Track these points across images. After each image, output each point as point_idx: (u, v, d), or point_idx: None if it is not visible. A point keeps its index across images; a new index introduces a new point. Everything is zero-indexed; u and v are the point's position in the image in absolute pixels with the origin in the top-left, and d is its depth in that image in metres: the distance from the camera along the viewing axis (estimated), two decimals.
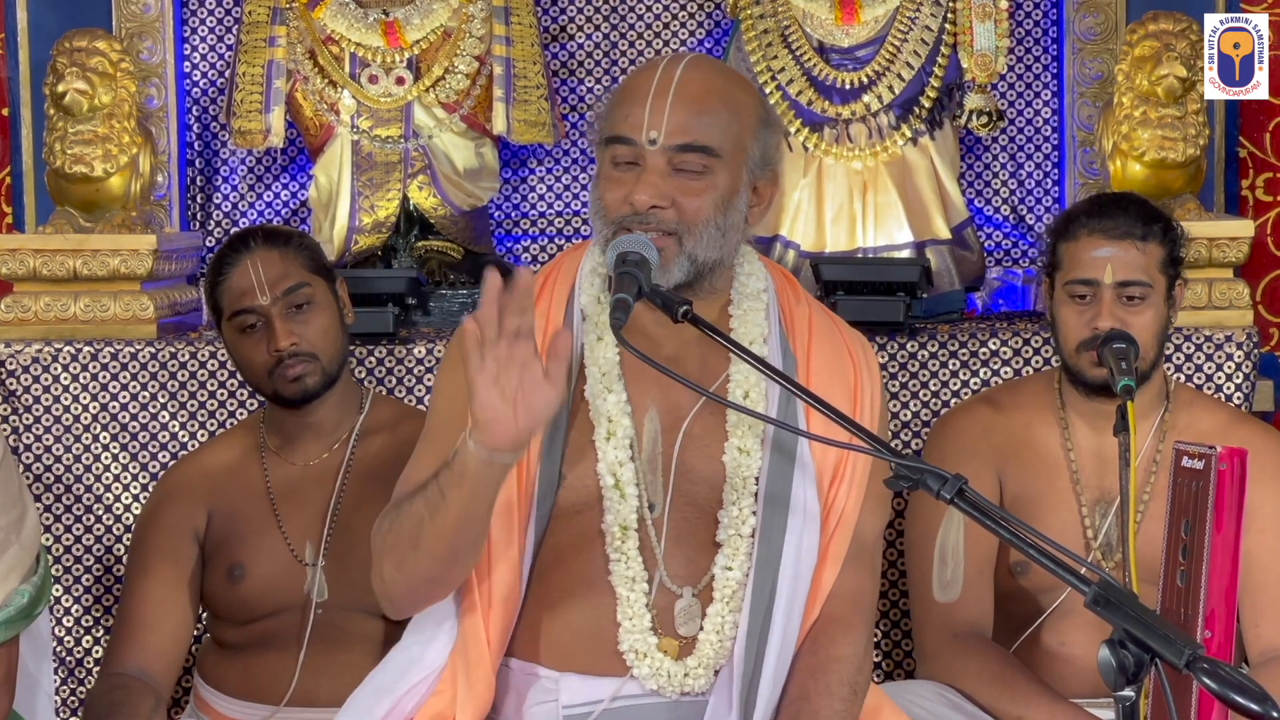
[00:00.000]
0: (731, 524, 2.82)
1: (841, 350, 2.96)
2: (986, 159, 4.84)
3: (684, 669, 2.79)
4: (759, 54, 4.45)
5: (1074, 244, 3.50)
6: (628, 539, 2.81)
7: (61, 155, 4.35)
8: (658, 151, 2.77)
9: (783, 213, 4.44)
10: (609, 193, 2.81)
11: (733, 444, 2.85)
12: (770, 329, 2.92)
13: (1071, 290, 3.48)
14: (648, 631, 2.80)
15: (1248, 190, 4.84)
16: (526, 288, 2.55)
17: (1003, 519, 2.44)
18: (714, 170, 2.79)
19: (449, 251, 4.61)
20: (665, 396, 2.87)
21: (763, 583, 2.81)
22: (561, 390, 2.60)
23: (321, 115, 4.54)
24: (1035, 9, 4.82)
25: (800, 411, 2.87)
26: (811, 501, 2.84)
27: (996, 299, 4.69)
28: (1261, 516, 3.45)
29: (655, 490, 2.85)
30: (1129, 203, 3.57)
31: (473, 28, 4.52)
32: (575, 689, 2.81)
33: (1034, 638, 3.53)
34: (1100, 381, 3.44)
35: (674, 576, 2.83)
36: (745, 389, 2.86)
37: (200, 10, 4.83)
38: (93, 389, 4.20)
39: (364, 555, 3.52)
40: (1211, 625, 2.96)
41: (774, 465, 2.84)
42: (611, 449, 2.82)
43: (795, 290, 3.01)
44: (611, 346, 2.86)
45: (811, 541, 2.83)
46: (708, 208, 2.79)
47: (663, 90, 2.78)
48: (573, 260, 2.96)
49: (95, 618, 4.19)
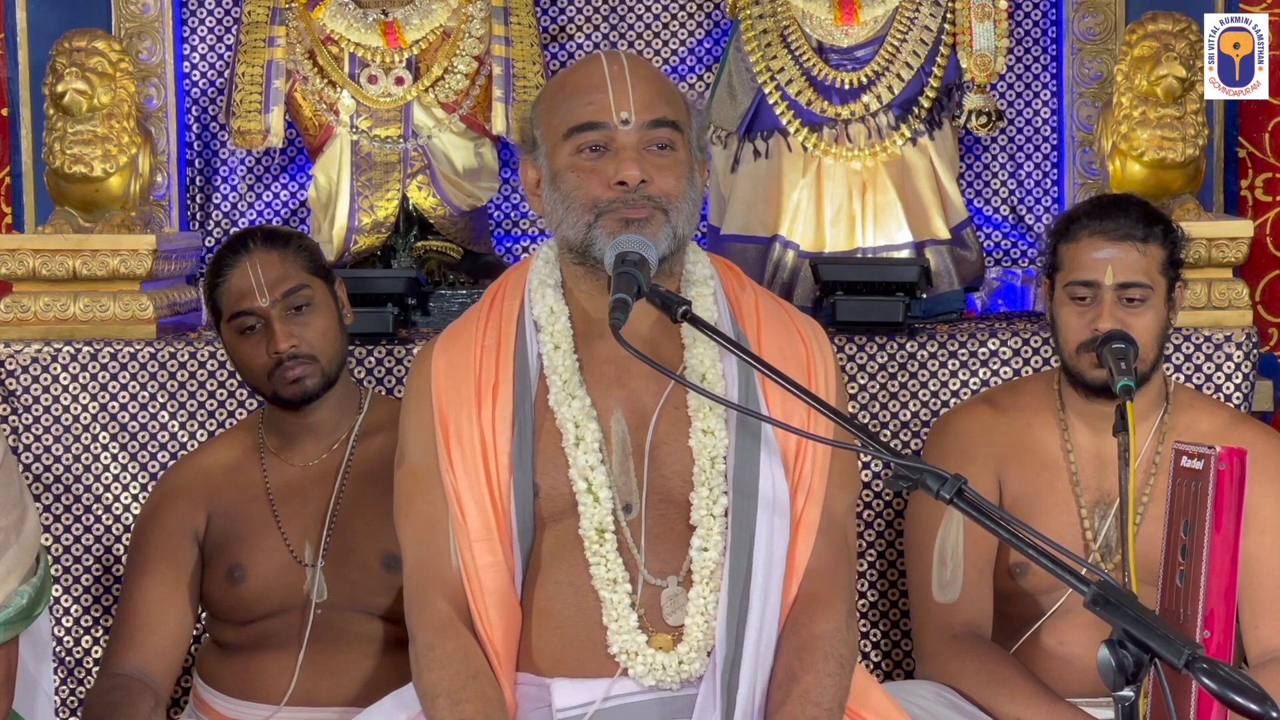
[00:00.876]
0: (703, 505, 2.85)
1: (792, 333, 2.99)
2: (986, 159, 4.84)
3: (677, 658, 2.81)
4: (758, 54, 4.45)
5: (1075, 245, 3.49)
6: (605, 542, 2.83)
7: (61, 155, 4.35)
8: (631, 130, 2.82)
9: (782, 213, 4.44)
10: (585, 182, 2.84)
11: (697, 427, 2.88)
12: (721, 314, 2.96)
13: (1072, 291, 3.48)
14: (635, 630, 2.82)
15: (1247, 190, 4.84)
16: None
17: (1002, 519, 2.44)
18: (678, 146, 2.87)
19: (448, 251, 4.61)
20: (629, 397, 2.91)
21: (738, 562, 2.83)
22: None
23: (321, 115, 4.54)
24: (1034, 9, 4.82)
25: (760, 395, 2.90)
26: (780, 479, 2.87)
27: (996, 299, 4.69)
28: (1261, 518, 3.45)
29: (630, 490, 2.88)
30: (1130, 204, 3.56)
31: (472, 28, 4.52)
32: (567, 691, 2.82)
33: (1033, 638, 3.53)
34: (1100, 383, 3.44)
35: (655, 572, 2.85)
36: (701, 372, 2.90)
37: (199, 10, 4.83)
38: (92, 389, 4.20)
39: (362, 556, 3.55)
40: (1211, 625, 2.96)
41: (740, 446, 2.87)
42: (582, 454, 2.85)
43: (740, 278, 3.05)
44: (570, 354, 2.90)
45: (783, 519, 2.86)
46: (681, 181, 2.86)
47: (619, 75, 2.84)
48: (518, 276, 3.01)
49: (95, 618, 4.19)
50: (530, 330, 2.93)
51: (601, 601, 2.83)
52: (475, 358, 2.91)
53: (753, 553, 2.84)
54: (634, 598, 2.83)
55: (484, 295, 3.03)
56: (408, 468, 2.98)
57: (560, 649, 2.86)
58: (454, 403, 2.90)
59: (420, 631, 2.88)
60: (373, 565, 3.55)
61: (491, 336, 2.93)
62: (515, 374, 2.90)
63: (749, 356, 2.76)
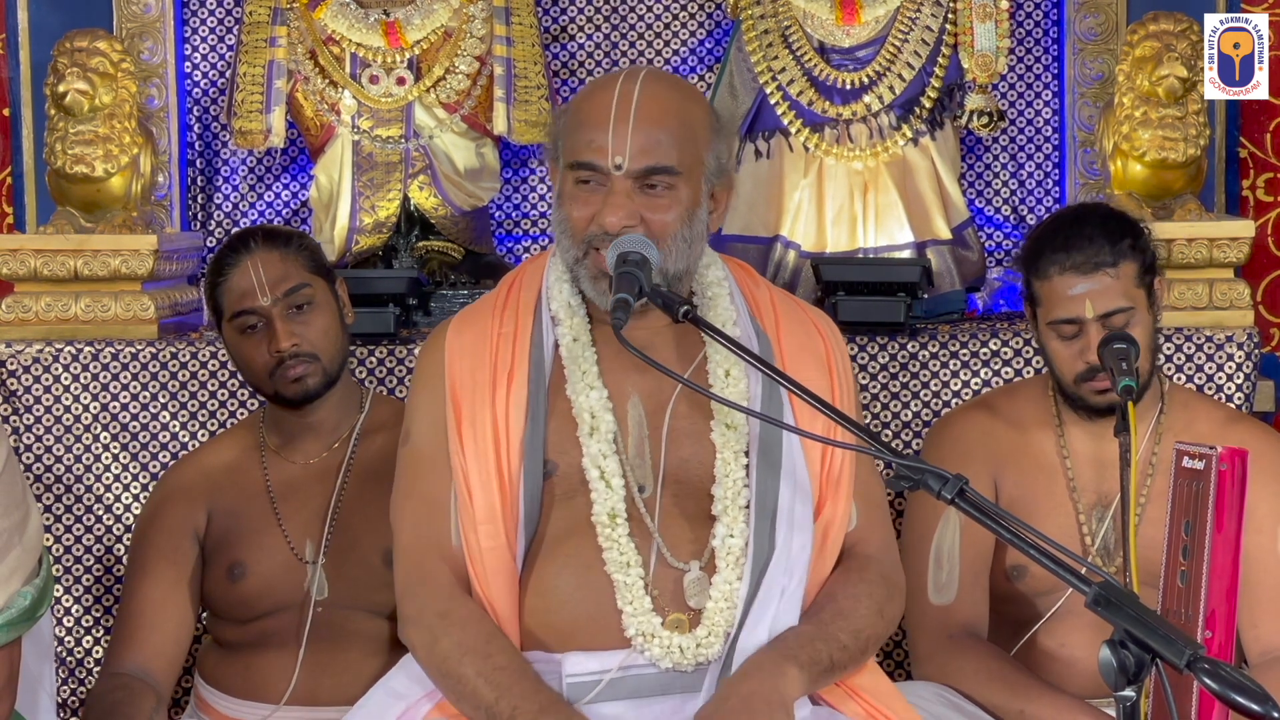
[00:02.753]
0: (726, 494, 2.88)
1: (808, 326, 3.05)
2: (987, 159, 4.84)
3: (695, 640, 2.84)
4: (759, 54, 4.45)
5: (1048, 284, 3.45)
6: (617, 526, 2.86)
7: (62, 155, 4.35)
8: (623, 176, 2.85)
9: (783, 213, 4.44)
10: (575, 211, 2.89)
11: (720, 420, 2.92)
12: (738, 312, 3.00)
13: (1057, 330, 3.46)
14: (650, 613, 2.84)
15: (1248, 190, 4.84)
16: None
17: (1004, 520, 2.45)
18: (676, 187, 2.87)
19: (450, 252, 4.61)
20: (646, 382, 2.94)
21: (760, 551, 2.86)
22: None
23: (322, 115, 4.55)
24: (1036, 9, 4.82)
25: (784, 394, 2.94)
26: (801, 470, 2.91)
27: (997, 299, 4.69)
28: (1259, 516, 3.44)
29: (645, 474, 2.91)
30: (1090, 223, 3.48)
31: (473, 28, 4.52)
32: (579, 661, 2.84)
33: (1032, 641, 3.53)
34: (1105, 405, 3.43)
35: (675, 552, 2.88)
36: (726, 367, 2.94)
37: (201, 10, 4.83)
38: (93, 389, 4.20)
39: (364, 554, 3.55)
40: (1212, 625, 2.96)
41: (763, 435, 2.91)
42: (595, 444, 2.89)
43: (752, 276, 3.10)
44: (588, 346, 2.94)
45: (805, 509, 2.90)
46: (674, 222, 2.87)
47: (623, 114, 2.85)
48: (535, 268, 3.04)
49: (95, 618, 4.19)
50: (546, 320, 2.97)
51: (615, 585, 2.85)
52: (492, 344, 2.95)
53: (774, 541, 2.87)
54: (647, 579, 2.85)
55: (500, 284, 3.06)
56: (413, 447, 3.00)
57: (569, 626, 2.87)
58: (468, 387, 2.93)
59: (429, 601, 2.89)
60: (374, 563, 3.55)
61: (509, 324, 2.97)
62: (531, 360, 2.92)
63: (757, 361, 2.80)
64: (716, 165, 2.93)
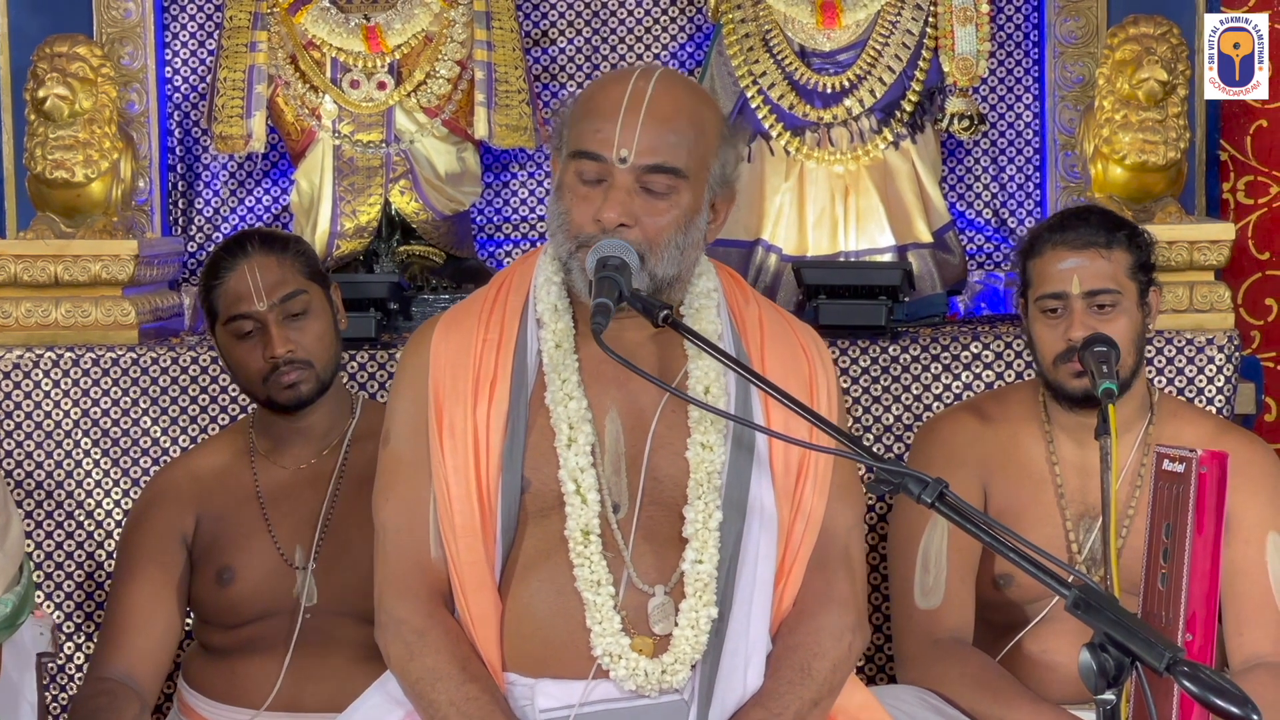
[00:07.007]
0: (698, 518, 2.83)
1: (795, 347, 2.97)
2: (968, 162, 4.85)
3: (661, 666, 2.80)
4: (740, 58, 4.46)
5: (1040, 260, 3.49)
6: (590, 543, 2.82)
7: (42, 160, 4.34)
8: (626, 170, 2.79)
9: (764, 217, 4.45)
10: (575, 208, 2.82)
11: (696, 440, 2.86)
12: (723, 327, 2.94)
13: (1043, 305, 3.48)
14: (619, 633, 2.81)
15: (1229, 193, 4.84)
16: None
17: (985, 524, 2.45)
18: (679, 190, 2.81)
19: (431, 256, 4.61)
20: (626, 397, 2.89)
21: (727, 578, 2.83)
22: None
23: (303, 120, 4.54)
24: (1016, 13, 4.83)
25: (758, 409, 2.89)
26: (767, 498, 2.86)
27: (978, 302, 4.70)
28: (1246, 526, 3.45)
29: (620, 491, 2.87)
30: (1091, 213, 3.56)
31: (454, 32, 4.52)
32: (551, 692, 2.82)
33: (1017, 646, 3.53)
34: (1082, 392, 3.44)
35: (643, 576, 2.84)
36: (705, 384, 2.88)
37: (181, 15, 4.83)
38: (74, 395, 4.19)
39: (354, 560, 3.54)
40: (1192, 628, 2.97)
41: (733, 462, 2.86)
42: (573, 455, 2.84)
43: (744, 291, 3.03)
44: (570, 354, 2.89)
45: (770, 538, 2.85)
46: (670, 228, 2.81)
47: (634, 107, 2.79)
48: (525, 269, 2.98)
49: (77, 624, 4.19)
50: (532, 326, 2.92)
51: (585, 604, 2.82)
52: (475, 352, 2.90)
53: (738, 568, 2.83)
54: (617, 600, 2.83)
55: (489, 283, 3.00)
56: (392, 450, 2.96)
57: (543, 650, 2.85)
58: (450, 395, 2.88)
59: (409, 617, 2.86)
60: (364, 569, 3.53)
61: (494, 331, 2.91)
62: (514, 370, 2.89)
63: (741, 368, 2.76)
64: (721, 174, 2.87)
